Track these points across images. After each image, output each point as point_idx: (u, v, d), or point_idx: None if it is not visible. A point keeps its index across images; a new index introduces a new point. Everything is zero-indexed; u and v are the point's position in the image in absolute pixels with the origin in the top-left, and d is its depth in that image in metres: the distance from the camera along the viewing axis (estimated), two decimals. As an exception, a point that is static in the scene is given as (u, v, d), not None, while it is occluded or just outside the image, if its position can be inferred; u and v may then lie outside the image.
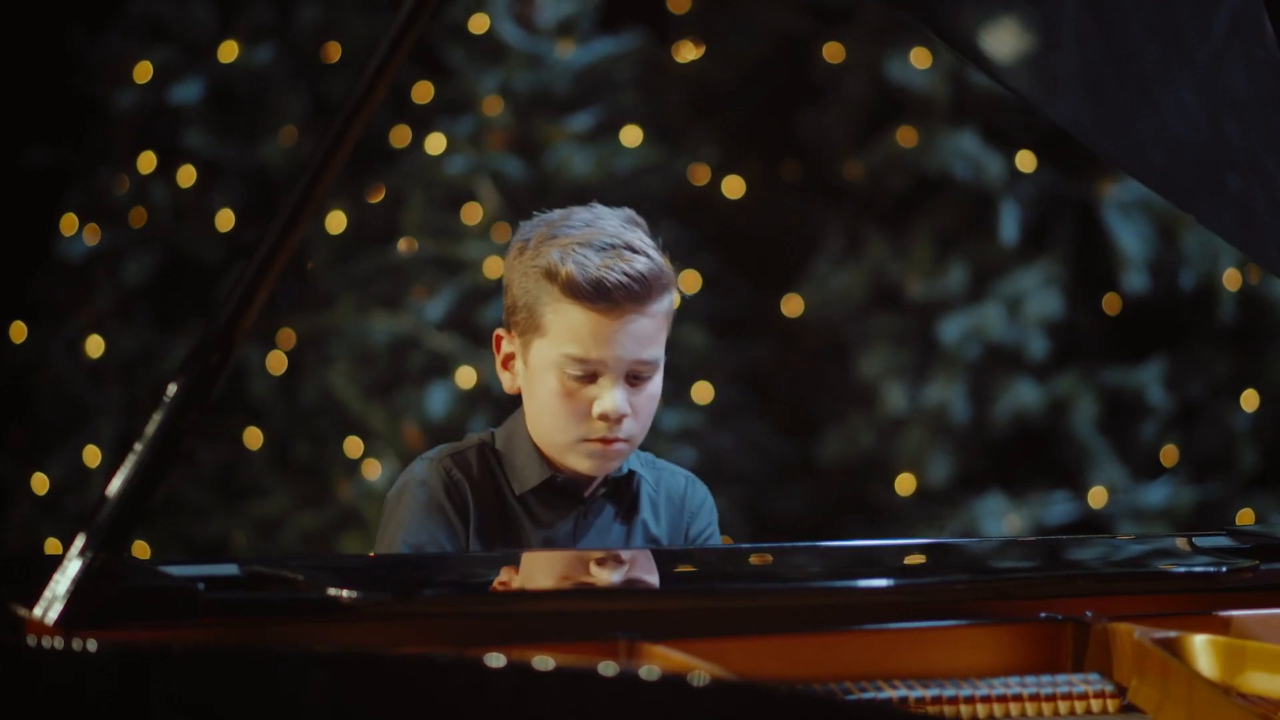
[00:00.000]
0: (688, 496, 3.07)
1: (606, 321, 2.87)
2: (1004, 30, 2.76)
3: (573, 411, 2.90)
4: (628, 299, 2.87)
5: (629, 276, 2.86)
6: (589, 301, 2.86)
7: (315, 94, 6.68)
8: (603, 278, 2.85)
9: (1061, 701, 2.50)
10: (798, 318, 6.79)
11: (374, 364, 6.27)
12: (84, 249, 6.60)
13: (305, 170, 2.32)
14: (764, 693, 2.04)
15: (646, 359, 2.91)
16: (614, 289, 2.86)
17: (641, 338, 2.89)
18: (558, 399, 2.90)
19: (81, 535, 2.22)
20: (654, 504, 3.04)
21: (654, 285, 2.89)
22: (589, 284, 2.85)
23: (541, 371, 2.91)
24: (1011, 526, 6.42)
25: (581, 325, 2.87)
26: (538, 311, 2.90)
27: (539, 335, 2.90)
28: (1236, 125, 2.71)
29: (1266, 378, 6.81)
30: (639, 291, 2.87)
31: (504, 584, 2.67)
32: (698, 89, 6.97)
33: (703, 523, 3.07)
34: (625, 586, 2.67)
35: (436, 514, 2.91)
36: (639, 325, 2.89)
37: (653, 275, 2.89)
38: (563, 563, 2.81)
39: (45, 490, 6.55)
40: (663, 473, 3.06)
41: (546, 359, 2.90)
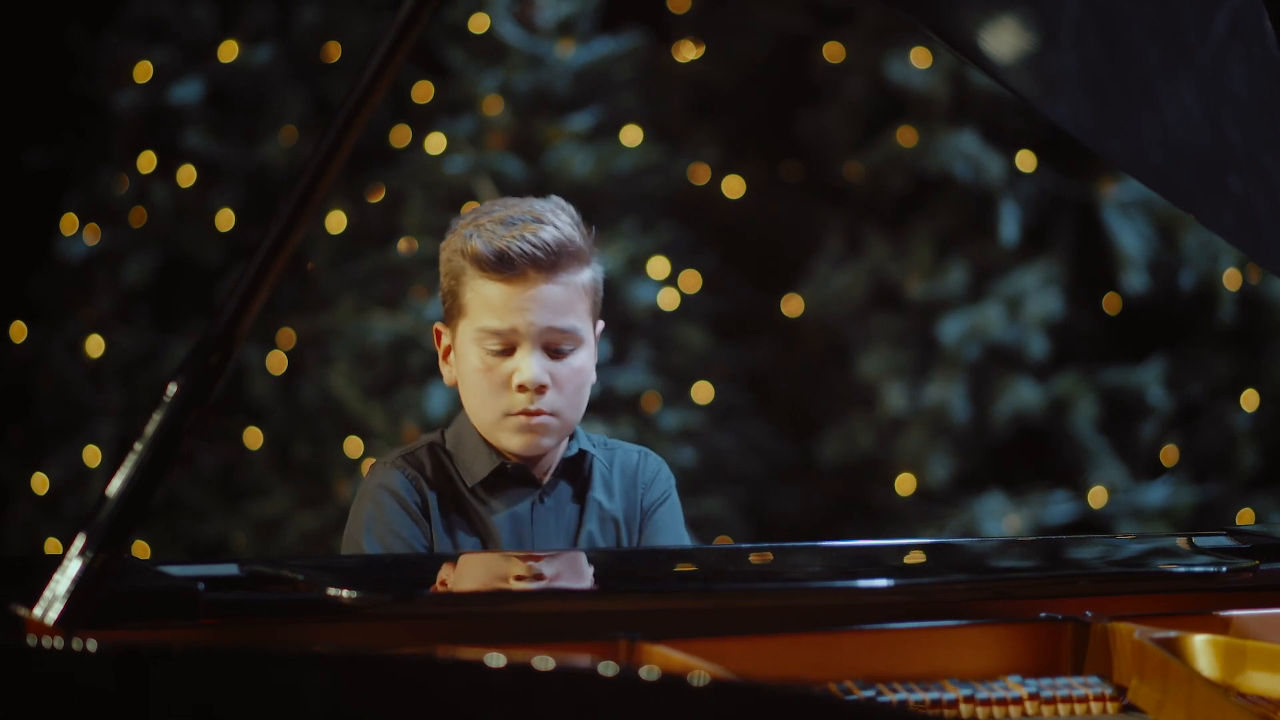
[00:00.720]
0: (640, 470, 3.09)
1: (514, 290, 2.93)
2: (1004, 30, 2.76)
3: (493, 385, 2.95)
4: (532, 266, 2.93)
5: (532, 245, 2.93)
6: (494, 272, 2.93)
7: (315, 94, 6.68)
8: (505, 247, 2.92)
9: (1061, 703, 2.49)
10: (798, 318, 6.79)
11: (374, 364, 6.27)
12: (84, 249, 6.60)
13: (305, 170, 2.32)
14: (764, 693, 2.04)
15: (561, 327, 2.95)
16: (518, 258, 2.92)
17: (553, 305, 2.95)
18: (479, 375, 2.96)
19: (81, 535, 2.22)
20: (607, 481, 3.06)
21: (560, 253, 2.94)
22: (493, 254, 2.92)
23: (464, 351, 2.98)
24: (1011, 526, 6.42)
25: (492, 296, 2.94)
26: (458, 293, 2.97)
27: (462, 317, 2.98)
28: (1237, 125, 2.71)
29: (1266, 378, 6.81)
30: (543, 259, 2.93)
31: (504, 584, 2.67)
32: (698, 89, 6.96)
33: (657, 491, 3.09)
34: (625, 586, 2.67)
35: (402, 514, 2.94)
36: (548, 292, 2.94)
37: (558, 244, 2.94)
38: (563, 563, 2.81)
39: (45, 490, 6.55)
40: (615, 451, 3.10)
41: (467, 337, 2.97)
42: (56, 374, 6.62)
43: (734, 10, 6.95)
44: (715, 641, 2.42)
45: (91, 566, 2.20)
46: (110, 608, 2.23)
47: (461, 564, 2.81)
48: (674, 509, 3.11)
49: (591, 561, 2.83)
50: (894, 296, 6.66)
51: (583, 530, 3.01)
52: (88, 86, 6.65)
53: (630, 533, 3.05)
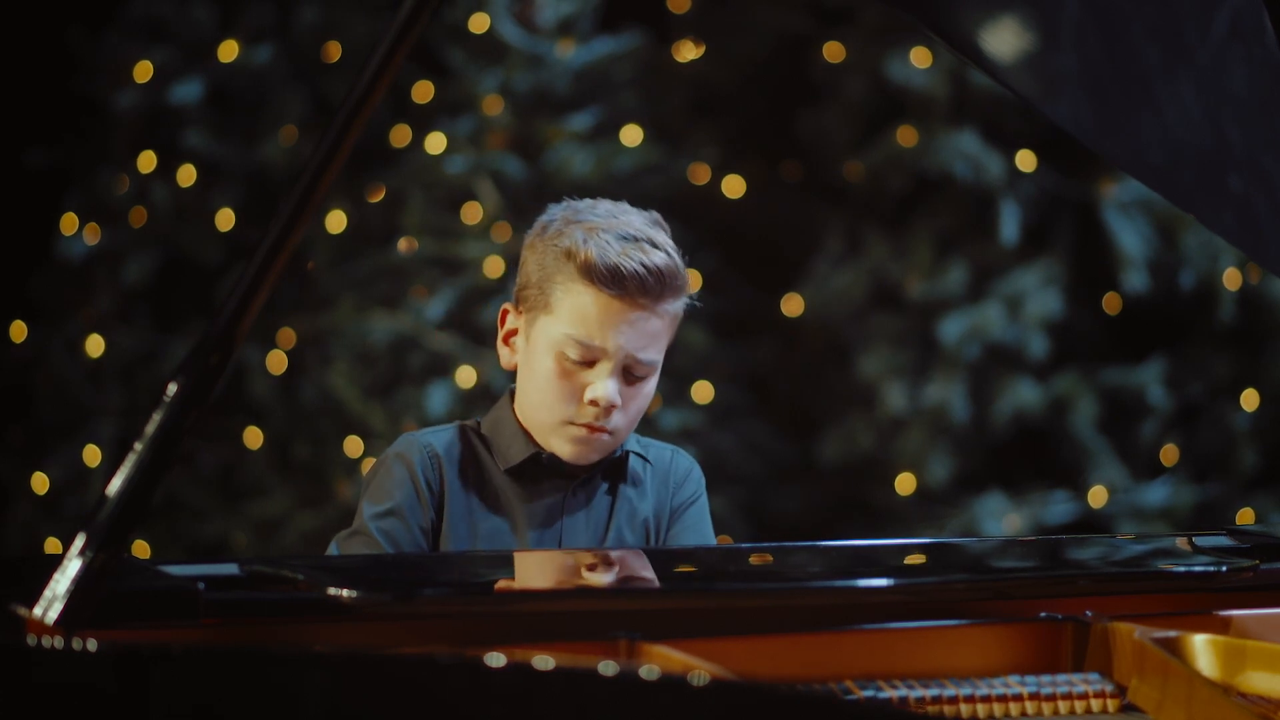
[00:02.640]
0: (672, 469, 3.09)
1: (616, 308, 2.91)
2: (1004, 30, 2.76)
3: (565, 392, 2.93)
4: (640, 290, 2.90)
5: (645, 268, 2.90)
6: (603, 285, 2.90)
7: (315, 94, 6.68)
8: (620, 264, 2.89)
9: (1061, 701, 2.50)
10: (798, 318, 6.79)
11: (374, 364, 6.27)
12: (84, 249, 6.60)
13: (305, 170, 2.32)
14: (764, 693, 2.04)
15: (644, 359, 2.94)
16: (629, 277, 2.89)
17: (646, 334, 2.93)
18: (553, 378, 2.93)
19: (81, 535, 2.22)
20: (640, 480, 3.05)
21: (669, 283, 2.93)
22: (606, 268, 2.89)
23: (542, 349, 2.95)
24: (1011, 526, 6.42)
25: (590, 308, 2.91)
26: (548, 289, 2.93)
27: (545, 313, 2.94)
28: (1237, 125, 2.71)
29: (1266, 378, 6.81)
30: (653, 285, 2.91)
31: (504, 584, 2.67)
32: (698, 89, 6.96)
33: (687, 491, 3.09)
34: (625, 586, 2.67)
35: (408, 488, 2.94)
36: (646, 320, 2.93)
37: (669, 272, 2.93)
38: (563, 562, 2.81)
39: (45, 490, 6.55)
40: (649, 449, 3.09)
41: (549, 337, 2.93)
42: (56, 374, 6.62)
43: (734, 10, 6.95)
44: (715, 641, 2.42)
45: (91, 566, 2.20)
46: (110, 608, 2.23)
47: (462, 564, 2.80)
48: (702, 510, 3.12)
49: (591, 561, 2.83)
50: (894, 296, 6.66)
51: (612, 526, 3.01)
52: (88, 86, 6.65)
53: (659, 532, 3.05)
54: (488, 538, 2.95)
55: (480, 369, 6.06)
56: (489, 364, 6.04)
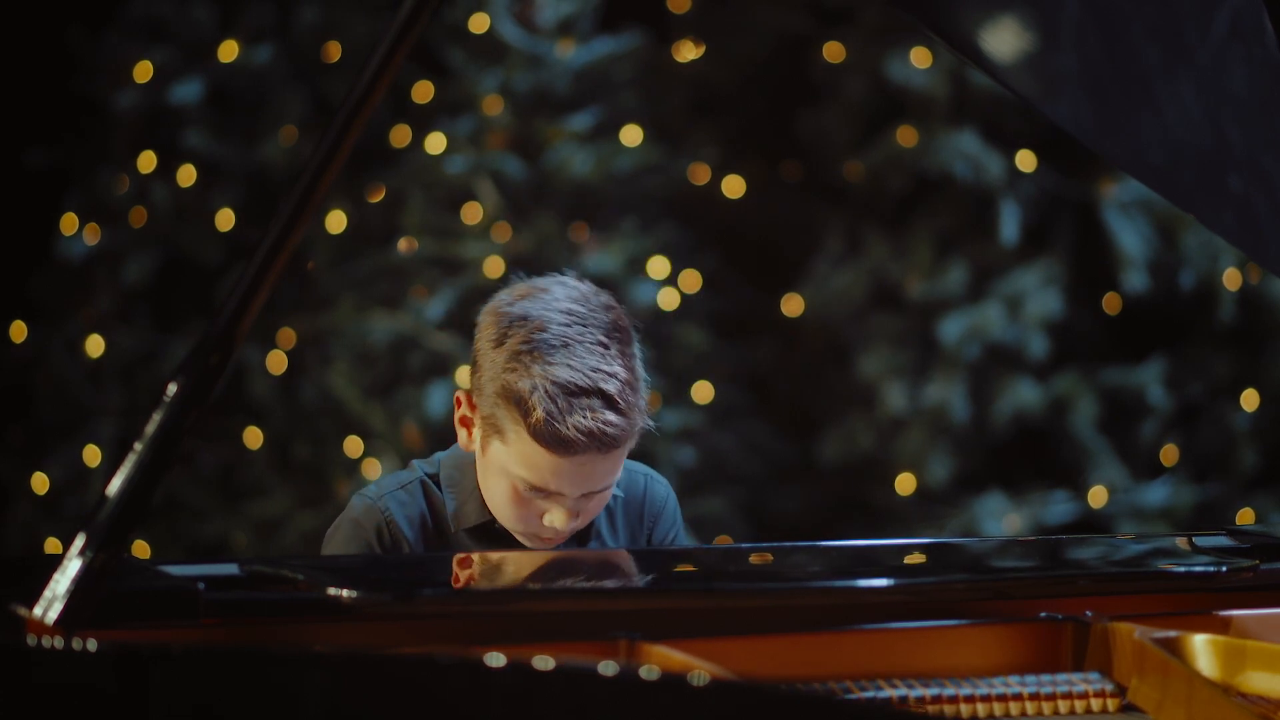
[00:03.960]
0: (647, 499, 3.03)
1: (566, 465, 2.81)
2: (1004, 30, 2.76)
3: (523, 513, 2.87)
4: (591, 449, 2.79)
5: (594, 437, 2.78)
6: (551, 450, 2.79)
7: (315, 94, 6.68)
8: (567, 437, 2.77)
9: (1061, 701, 2.50)
10: (798, 318, 6.79)
11: (374, 364, 6.27)
12: (84, 249, 6.60)
13: (305, 170, 2.32)
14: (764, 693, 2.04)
15: (599, 488, 2.86)
16: (577, 444, 2.78)
17: (598, 475, 2.84)
18: (509, 500, 2.86)
19: (81, 535, 2.22)
20: (611, 514, 3.00)
21: (620, 441, 2.81)
22: (553, 437, 2.78)
23: (495, 469, 2.86)
24: (1011, 526, 6.42)
25: (540, 462, 2.81)
26: (500, 423, 2.83)
27: (499, 439, 2.84)
28: (1236, 125, 2.71)
29: (1266, 378, 6.81)
30: (603, 445, 2.80)
31: (504, 584, 2.67)
32: (698, 89, 6.96)
33: (665, 525, 3.04)
34: (625, 586, 2.67)
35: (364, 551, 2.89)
36: (598, 469, 2.83)
37: (619, 434, 2.80)
38: (562, 563, 2.81)
39: (45, 490, 6.55)
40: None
41: (502, 465, 2.84)
42: (56, 374, 6.62)
43: (734, 10, 6.95)
44: (715, 641, 2.42)
45: (91, 566, 2.20)
46: (110, 608, 2.23)
47: (462, 564, 2.80)
48: (683, 543, 3.08)
49: (591, 561, 2.83)
50: (894, 296, 6.66)
51: None
52: (88, 86, 6.65)
53: None
54: None
55: (480, 369, 6.05)
56: (489, 364, 6.03)
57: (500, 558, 2.87)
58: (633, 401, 2.82)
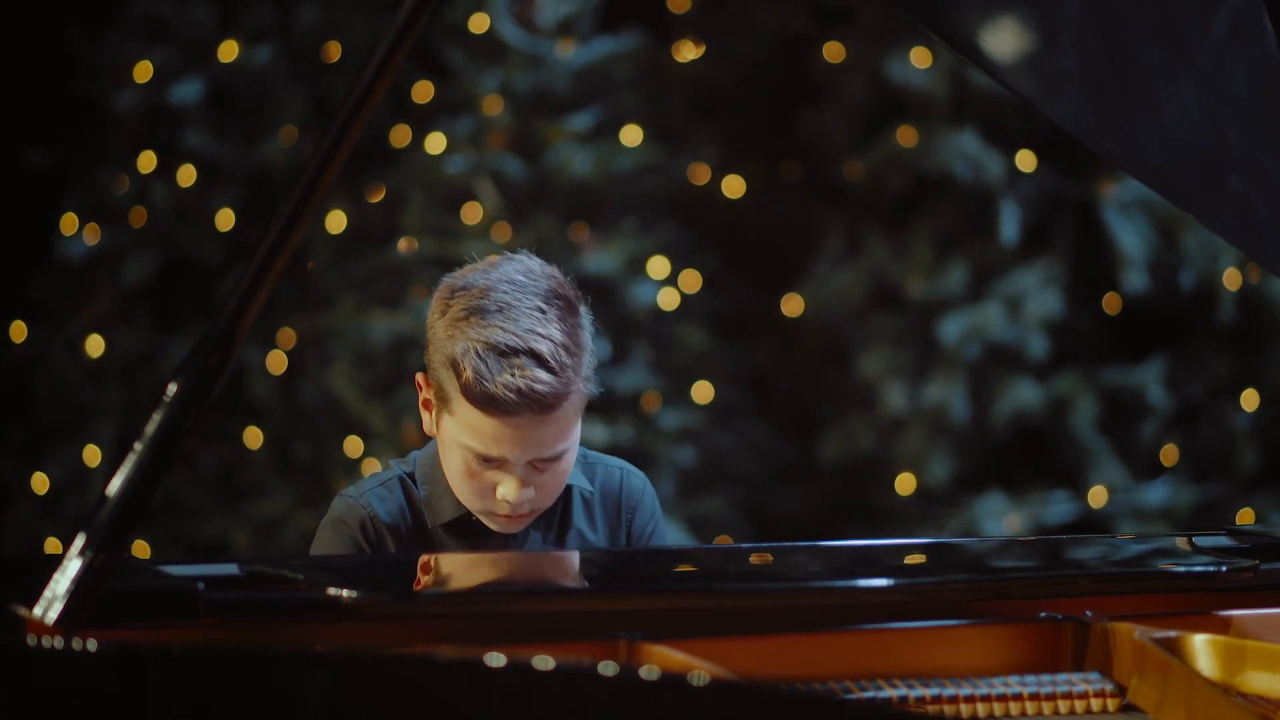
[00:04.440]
0: (624, 492, 3.04)
1: (503, 428, 2.82)
2: (1004, 30, 2.76)
3: (476, 489, 2.88)
4: (525, 410, 2.80)
5: (523, 394, 2.79)
6: (485, 411, 2.81)
7: (315, 94, 6.68)
8: (496, 395, 2.79)
9: (1061, 701, 2.50)
10: (798, 318, 6.79)
11: (374, 364, 6.27)
12: (84, 249, 6.60)
13: (305, 170, 2.32)
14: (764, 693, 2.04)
15: (547, 456, 2.86)
16: (510, 405, 2.80)
17: (542, 440, 2.84)
18: (463, 474, 2.88)
19: (81, 535, 2.22)
20: (588, 507, 3.01)
21: (552, 401, 2.81)
22: (483, 397, 2.80)
23: (449, 443, 2.89)
24: (1011, 526, 6.42)
25: (480, 426, 2.83)
26: (445, 391, 2.86)
27: (447, 411, 2.87)
28: (1236, 125, 2.71)
29: (1266, 378, 6.81)
30: (535, 405, 2.80)
31: (504, 584, 2.67)
32: (698, 89, 6.96)
33: (644, 517, 3.04)
34: (625, 586, 2.67)
35: (351, 549, 2.90)
36: (538, 432, 2.83)
37: (551, 393, 2.80)
38: (563, 563, 2.81)
39: (45, 490, 6.55)
40: (596, 468, 3.03)
41: (453, 438, 2.87)
42: (56, 374, 6.62)
43: (734, 10, 6.95)
44: (715, 641, 2.42)
45: (91, 566, 2.20)
46: (110, 608, 2.23)
47: (462, 564, 2.80)
48: (662, 535, 3.08)
49: (591, 561, 2.83)
50: (894, 296, 6.66)
51: None
52: (88, 86, 6.65)
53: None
54: None
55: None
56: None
57: (500, 558, 2.87)
58: (567, 364, 2.82)
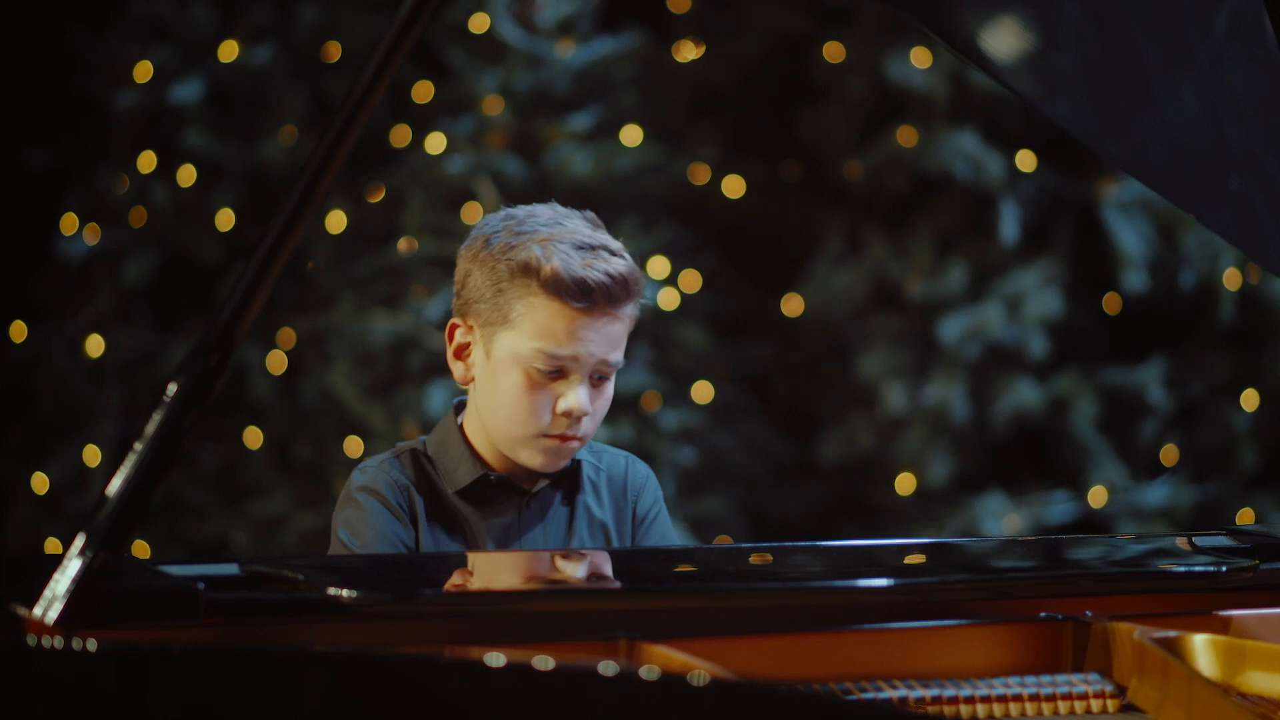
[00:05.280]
0: (629, 477, 3.08)
1: (583, 320, 2.89)
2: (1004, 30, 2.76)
3: (536, 405, 2.92)
4: (607, 299, 2.90)
5: (610, 277, 2.90)
6: (569, 298, 2.88)
7: (315, 94, 6.68)
8: (586, 277, 2.88)
9: (1061, 701, 2.49)
10: (798, 318, 6.79)
11: (374, 364, 6.28)
12: (84, 249, 6.60)
13: (305, 170, 2.32)
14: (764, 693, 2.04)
15: (613, 360, 2.94)
16: (596, 289, 2.89)
17: (612, 339, 2.93)
18: (522, 392, 2.91)
19: (81, 535, 2.22)
20: (595, 486, 3.05)
21: (632, 288, 2.93)
22: (573, 282, 2.88)
23: (507, 364, 2.93)
24: (1011, 526, 6.42)
25: (557, 321, 2.89)
26: (506, 305, 2.92)
27: (506, 328, 2.92)
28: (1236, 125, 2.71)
29: (1266, 378, 6.81)
30: (617, 293, 2.91)
31: (504, 584, 2.67)
32: (698, 89, 6.97)
33: (648, 500, 3.08)
34: (625, 586, 2.67)
35: (387, 515, 2.92)
36: (610, 326, 2.92)
37: (631, 278, 2.93)
38: (563, 562, 2.81)
39: (45, 490, 6.55)
40: (603, 455, 3.08)
41: (514, 351, 2.91)
42: (56, 374, 6.62)
43: (734, 10, 6.96)
44: (715, 641, 2.42)
45: (91, 566, 2.20)
46: (110, 607, 2.23)
47: (462, 563, 2.80)
48: (665, 520, 3.11)
49: (591, 561, 2.83)
50: (894, 296, 6.66)
51: (573, 537, 3.00)
52: (88, 86, 6.65)
53: (621, 540, 3.04)
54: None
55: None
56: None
57: (500, 558, 2.87)
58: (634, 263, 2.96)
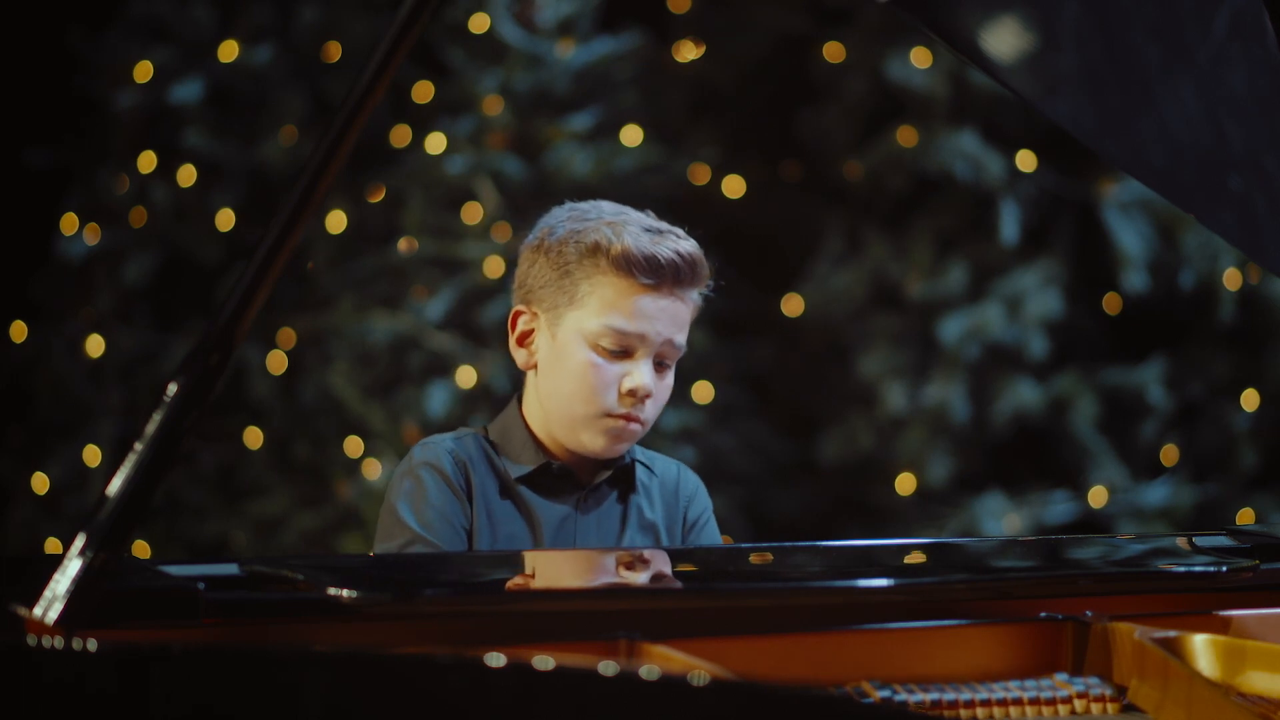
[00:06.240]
0: (681, 484, 3.12)
1: (651, 297, 2.95)
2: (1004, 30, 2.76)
3: (601, 384, 2.95)
4: (674, 278, 2.96)
5: (680, 255, 2.96)
6: (640, 275, 2.94)
7: (315, 94, 6.68)
8: (656, 254, 2.95)
9: (1061, 704, 2.49)
10: (798, 318, 6.79)
11: (374, 364, 6.27)
12: (84, 249, 6.60)
13: (305, 170, 2.32)
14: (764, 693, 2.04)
15: (678, 342, 2.99)
16: (666, 265, 2.94)
17: (679, 320, 2.98)
18: (588, 369, 2.96)
19: (81, 535, 2.22)
20: (648, 490, 3.07)
21: (699, 268, 2.99)
22: (645, 258, 2.94)
23: (573, 343, 2.97)
24: (1011, 526, 6.42)
25: (625, 298, 2.94)
26: (573, 286, 2.96)
27: (572, 308, 2.97)
28: (1236, 125, 2.71)
29: (1266, 378, 6.81)
30: (685, 272, 2.97)
31: (504, 584, 2.67)
32: (698, 89, 6.97)
33: (699, 507, 3.12)
34: (625, 586, 2.67)
35: (445, 490, 2.95)
36: (678, 306, 2.98)
37: (699, 259, 3.00)
38: (563, 562, 2.81)
39: (45, 490, 6.55)
40: (655, 462, 3.12)
41: (582, 330, 2.96)
42: (56, 374, 6.62)
43: (734, 10, 6.96)
44: (715, 641, 2.41)
45: (91, 566, 2.20)
46: (110, 607, 2.23)
47: (462, 564, 2.80)
48: (715, 528, 3.15)
49: (591, 561, 2.83)
50: (894, 296, 6.66)
51: (625, 535, 3.02)
52: (88, 86, 6.65)
53: (670, 543, 3.07)
54: (507, 542, 2.96)
55: (480, 369, 6.06)
56: (489, 364, 6.04)
57: (500, 558, 2.87)
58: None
